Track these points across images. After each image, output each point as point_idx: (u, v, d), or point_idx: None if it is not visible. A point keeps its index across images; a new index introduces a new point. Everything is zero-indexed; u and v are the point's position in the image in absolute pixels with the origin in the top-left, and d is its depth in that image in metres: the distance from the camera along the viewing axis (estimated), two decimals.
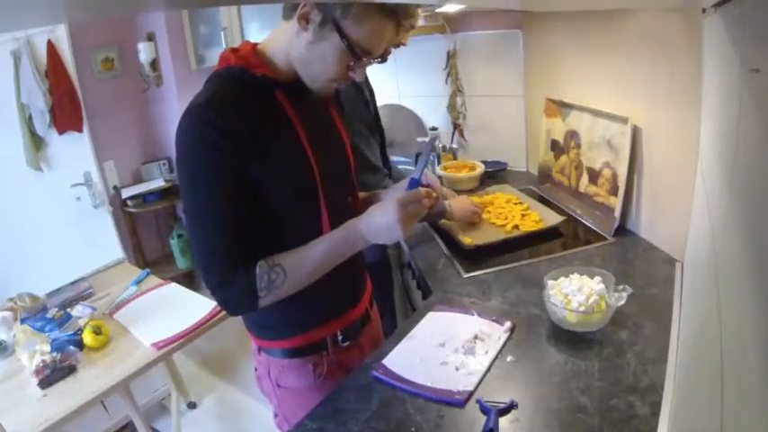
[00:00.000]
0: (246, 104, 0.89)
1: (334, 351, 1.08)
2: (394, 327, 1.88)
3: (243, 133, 0.86)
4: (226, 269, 0.90)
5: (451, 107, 2.39)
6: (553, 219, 1.64)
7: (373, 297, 1.25)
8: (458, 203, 1.68)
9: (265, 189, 0.90)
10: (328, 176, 0.97)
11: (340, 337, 1.08)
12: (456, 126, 2.41)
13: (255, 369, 1.15)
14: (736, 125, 0.64)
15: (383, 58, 0.94)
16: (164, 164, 3.18)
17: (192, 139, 0.86)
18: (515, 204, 1.79)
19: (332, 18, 0.84)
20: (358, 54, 0.88)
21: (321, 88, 0.95)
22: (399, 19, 0.90)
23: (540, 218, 1.67)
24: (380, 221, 0.92)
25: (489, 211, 1.77)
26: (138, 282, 2.05)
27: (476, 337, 1.12)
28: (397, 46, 1.39)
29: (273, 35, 0.95)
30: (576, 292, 1.11)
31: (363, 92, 1.57)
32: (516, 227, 1.64)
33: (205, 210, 0.89)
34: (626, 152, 1.47)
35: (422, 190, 0.95)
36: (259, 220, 0.92)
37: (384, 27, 0.88)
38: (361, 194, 1.21)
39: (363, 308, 1.16)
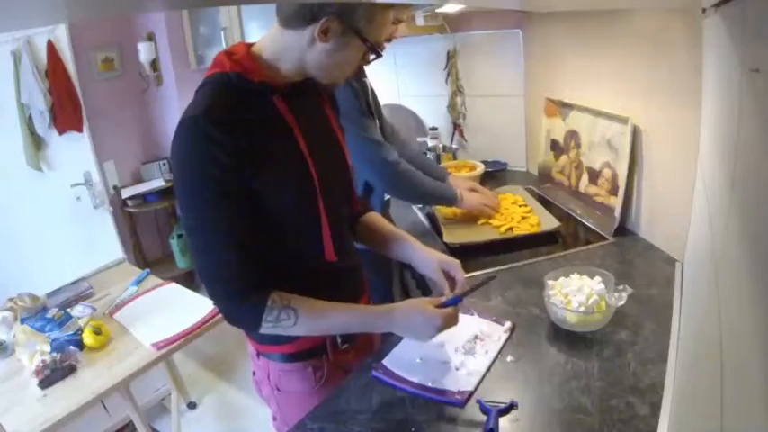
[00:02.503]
0: (244, 114, 0.88)
1: (333, 354, 1.08)
2: None
3: (242, 145, 0.85)
4: (234, 286, 0.90)
5: (451, 107, 2.39)
6: (549, 224, 1.64)
7: (371, 288, 1.25)
8: (470, 194, 1.69)
9: (265, 197, 0.90)
10: (327, 181, 0.97)
11: (339, 340, 1.08)
12: (456, 126, 2.41)
13: (253, 373, 1.15)
14: (736, 125, 0.64)
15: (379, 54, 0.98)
16: (164, 164, 3.18)
17: (191, 154, 0.85)
18: (520, 207, 1.79)
19: (355, 29, 0.87)
20: (377, 51, 0.93)
21: (339, 84, 1.01)
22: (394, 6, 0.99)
23: (538, 222, 1.66)
24: (420, 325, 0.97)
25: None
26: (138, 282, 2.05)
27: (476, 337, 1.12)
28: (389, 40, 1.40)
29: (271, 38, 0.93)
30: (576, 292, 1.11)
31: (351, 83, 1.56)
32: (511, 229, 1.64)
33: (210, 224, 0.88)
34: (626, 152, 1.47)
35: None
36: (259, 227, 0.91)
37: (388, 15, 0.95)
38: (387, 226, 1.20)
39: None
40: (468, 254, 1.54)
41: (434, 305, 0.98)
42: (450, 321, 0.98)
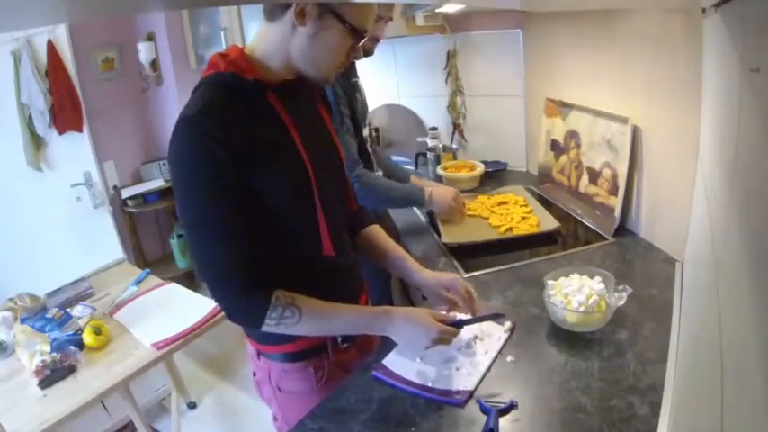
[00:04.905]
0: (240, 111, 0.88)
1: (334, 353, 1.08)
2: None
3: (240, 142, 0.86)
4: (235, 280, 0.90)
5: (451, 107, 2.39)
6: (548, 224, 1.64)
7: (370, 292, 1.25)
8: (439, 194, 1.68)
9: (262, 193, 0.90)
10: (322, 177, 0.97)
11: (339, 339, 1.08)
12: (456, 126, 2.41)
13: (254, 374, 1.15)
14: (736, 125, 0.65)
15: (368, 53, 0.97)
16: (163, 164, 3.18)
17: (190, 153, 0.85)
18: (521, 207, 1.79)
19: (330, 8, 0.87)
20: (360, 33, 0.92)
21: (327, 78, 0.97)
22: None
23: (538, 222, 1.67)
24: (417, 334, 0.98)
25: (494, 212, 1.78)
26: (138, 282, 2.05)
27: (476, 337, 1.12)
28: (377, 40, 1.40)
29: (260, 37, 0.94)
30: (575, 292, 1.11)
31: (334, 87, 1.55)
32: (510, 229, 1.64)
33: (208, 221, 0.88)
34: (626, 152, 1.47)
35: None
36: (257, 224, 0.91)
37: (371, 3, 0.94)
38: (392, 244, 1.21)
39: None
40: (468, 254, 1.54)
41: (436, 318, 1.00)
42: (446, 338, 1.00)
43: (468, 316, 1.10)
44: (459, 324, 1.05)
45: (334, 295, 1.00)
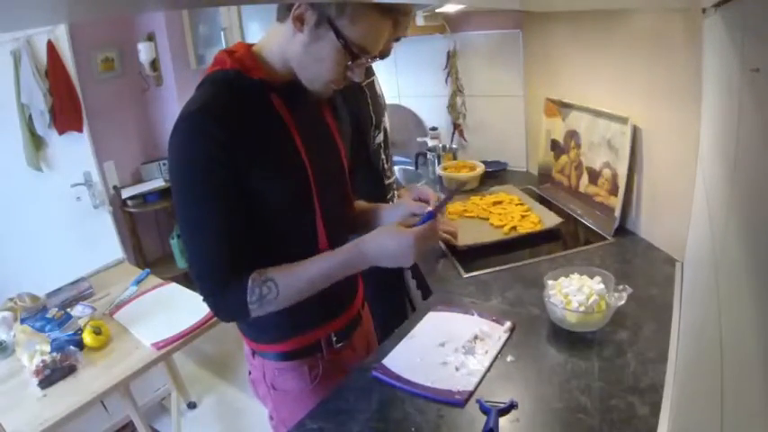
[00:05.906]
0: (242, 110, 0.88)
1: (328, 352, 1.08)
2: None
3: (239, 141, 0.85)
4: (221, 279, 0.90)
5: (451, 107, 2.39)
6: (551, 221, 1.64)
7: (366, 290, 1.24)
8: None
9: (260, 196, 0.90)
10: (323, 181, 0.97)
11: (334, 338, 1.08)
12: (456, 126, 2.41)
13: (249, 373, 1.15)
14: (736, 125, 0.65)
15: (384, 55, 0.93)
16: (164, 164, 3.18)
17: (188, 149, 0.85)
18: (517, 205, 1.79)
19: (327, 18, 0.84)
20: (355, 53, 0.87)
21: (320, 90, 0.94)
22: (397, 16, 0.90)
23: (540, 220, 1.66)
24: (393, 249, 0.92)
25: (491, 212, 1.78)
26: (138, 282, 2.05)
27: (476, 337, 1.12)
28: (398, 39, 1.38)
29: (268, 37, 0.94)
30: (575, 292, 1.11)
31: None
32: (514, 228, 1.64)
33: (202, 220, 0.88)
34: (626, 152, 1.47)
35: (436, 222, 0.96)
36: (254, 226, 0.91)
37: (382, 25, 0.88)
38: (362, 204, 1.20)
39: (356, 309, 1.16)
40: (468, 254, 1.54)
41: (408, 225, 0.94)
42: (425, 238, 0.93)
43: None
44: (431, 216, 0.98)
45: (331, 293, 1.00)
